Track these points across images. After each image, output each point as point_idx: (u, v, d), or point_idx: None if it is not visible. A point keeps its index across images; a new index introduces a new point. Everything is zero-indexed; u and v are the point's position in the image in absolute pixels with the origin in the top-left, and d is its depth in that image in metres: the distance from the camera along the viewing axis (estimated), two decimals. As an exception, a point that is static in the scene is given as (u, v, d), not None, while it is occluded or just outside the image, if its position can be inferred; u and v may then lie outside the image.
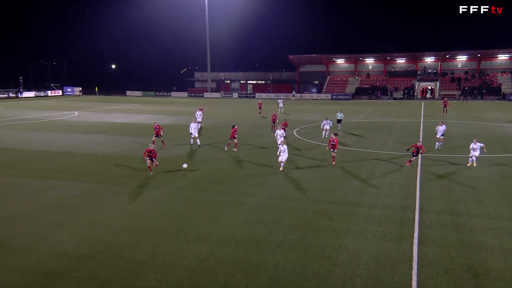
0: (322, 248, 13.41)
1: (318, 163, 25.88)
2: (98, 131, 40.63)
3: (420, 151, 23.59)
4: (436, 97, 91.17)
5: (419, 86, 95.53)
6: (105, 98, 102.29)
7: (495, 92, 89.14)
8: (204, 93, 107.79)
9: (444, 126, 30.13)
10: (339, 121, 39.66)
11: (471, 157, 24.09)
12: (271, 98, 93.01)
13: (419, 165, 24.73)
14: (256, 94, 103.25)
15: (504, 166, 25.05)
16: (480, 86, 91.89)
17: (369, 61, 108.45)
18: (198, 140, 30.75)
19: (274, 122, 39.73)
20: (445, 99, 60.71)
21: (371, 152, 29.65)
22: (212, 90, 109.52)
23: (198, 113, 41.96)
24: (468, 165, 24.40)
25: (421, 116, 55.09)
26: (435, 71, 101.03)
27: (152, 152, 21.96)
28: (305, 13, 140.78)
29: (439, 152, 29.47)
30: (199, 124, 37.49)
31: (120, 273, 11.75)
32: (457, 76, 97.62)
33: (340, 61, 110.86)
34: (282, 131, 29.16)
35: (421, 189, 20.24)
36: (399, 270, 12.00)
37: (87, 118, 54.86)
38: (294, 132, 38.90)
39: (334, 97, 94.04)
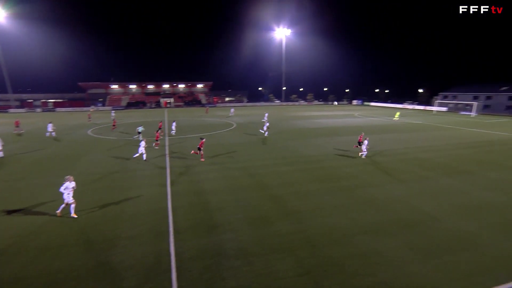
0: (121, 189, 12.68)
1: (104, 151, 23.29)
2: None
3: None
4: (172, 106, 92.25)
5: (163, 100, 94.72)
6: None
7: (199, 103, 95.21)
8: (9, 109, 79.54)
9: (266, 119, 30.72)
10: (139, 132, 27.69)
11: (364, 151, 20.18)
12: (70, 111, 77.47)
13: (166, 145, 24.72)
14: (57, 108, 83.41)
15: (195, 133, 27.42)
16: (192, 100, 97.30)
17: (132, 86, 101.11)
18: None
19: (114, 125, 35.97)
20: (207, 107, 64.74)
21: (134, 139, 28.02)
22: (18, 107, 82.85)
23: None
24: (361, 154, 20.54)
25: (165, 116, 54.60)
26: (170, 92, 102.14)
27: None
28: (89, 53, 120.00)
29: (176, 135, 29.31)
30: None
31: None
32: (181, 95, 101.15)
33: (115, 86, 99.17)
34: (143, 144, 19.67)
35: (169, 157, 19.97)
36: (162, 200, 12.53)
37: None
38: (89, 131, 34.00)
39: (113, 108, 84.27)
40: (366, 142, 20.64)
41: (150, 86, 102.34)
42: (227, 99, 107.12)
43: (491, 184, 14.97)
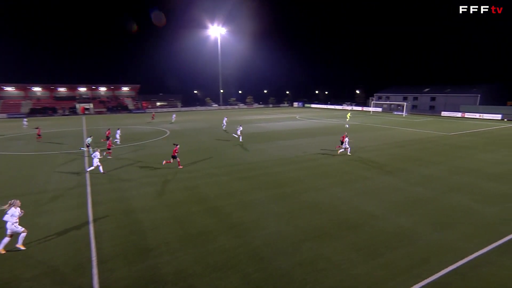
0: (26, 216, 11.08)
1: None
2: None
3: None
4: (92, 113, 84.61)
5: (79, 106, 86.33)
6: None
7: (125, 108, 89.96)
8: None
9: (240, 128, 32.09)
10: (88, 145, 24.88)
11: (346, 148, 23.70)
12: None
13: (85, 157, 22.91)
14: None
15: (135, 147, 26.06)
16: (117, 106, 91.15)
17: (37, 89, 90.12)
18: None
19: (39, 135, 32.41)
20: (153, 113, 64.04)
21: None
22: None
23: None
24: (339, 152, 23.95)
25: (83, 125, 49.93)
26: (88, 96, 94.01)
27: None
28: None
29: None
30: None
31: None
32: (103, 100, 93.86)
33: (10, 89, 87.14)
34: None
35: (94, 174, 18.40)
36: (82, 212, 11.47)
37: None
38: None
39: (10, 116, 73.57)
40: (346, 140, 23.78)
41: (62, 89, 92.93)
42: (158, 103, 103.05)
43: (422, 180, 17.20)
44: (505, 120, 58.44)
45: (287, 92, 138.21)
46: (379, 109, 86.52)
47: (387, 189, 15.54)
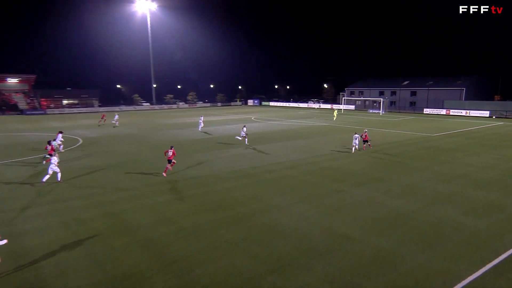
0: None
1: None
2: None
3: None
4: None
5: None
6: None
7: (13, 108, 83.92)
8: None
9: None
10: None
11: (354, 145, 28.94)
12: None
13: None
14: None
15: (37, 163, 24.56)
16: (1, 103, 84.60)
17: None
18: None
19: None
20: (103, 113, 61.42)
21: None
22: None
23: None
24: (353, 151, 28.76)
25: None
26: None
27: None
28: None
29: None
30: None
31: None
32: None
33: None
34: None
35: None
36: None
37: None
38: None
39: None
40: (356, 136, 28.83)
41: None
42: (65, 102, 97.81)
43: (404, 191, 18.32)
44: (494, 117, 64.89)
45: (240, 88, 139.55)
46: (352, 107, 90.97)
47: (363, 204, 16.24)
